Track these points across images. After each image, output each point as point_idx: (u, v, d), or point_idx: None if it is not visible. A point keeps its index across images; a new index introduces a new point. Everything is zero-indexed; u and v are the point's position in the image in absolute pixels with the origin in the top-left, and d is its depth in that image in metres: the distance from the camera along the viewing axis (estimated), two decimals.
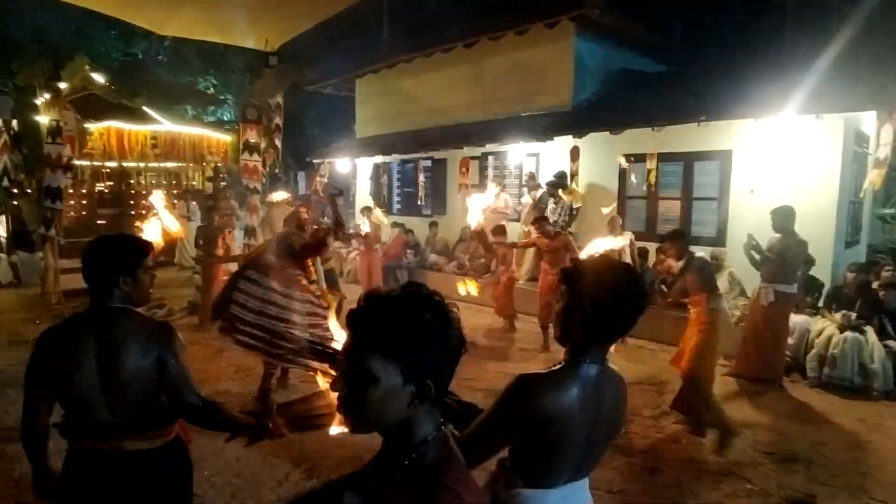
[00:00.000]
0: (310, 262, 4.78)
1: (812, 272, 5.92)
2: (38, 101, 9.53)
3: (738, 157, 6.97)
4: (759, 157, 6.71)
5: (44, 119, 9.17)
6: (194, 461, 2.10)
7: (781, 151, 6.49)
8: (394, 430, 0.97)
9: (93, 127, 10.16)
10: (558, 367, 1.44)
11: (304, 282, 4.55)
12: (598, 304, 1.40)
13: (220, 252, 6.96)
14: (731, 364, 5.35)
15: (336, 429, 1.80)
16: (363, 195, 12.31)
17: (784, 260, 4.94)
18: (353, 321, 0.96)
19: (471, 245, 8.99)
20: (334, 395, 1.93)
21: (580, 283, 1.45)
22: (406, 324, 0.92)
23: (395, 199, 11.86)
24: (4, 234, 10.43)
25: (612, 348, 1.53)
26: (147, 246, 2.01)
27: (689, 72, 8.52)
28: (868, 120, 6.91)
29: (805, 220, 5.24)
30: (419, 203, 10.75)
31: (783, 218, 5.03)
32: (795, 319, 5.31)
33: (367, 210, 8.84)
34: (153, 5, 11.36)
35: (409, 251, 9.82)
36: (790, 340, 5.24)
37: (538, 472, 1.43)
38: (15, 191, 10.45)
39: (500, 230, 6.88)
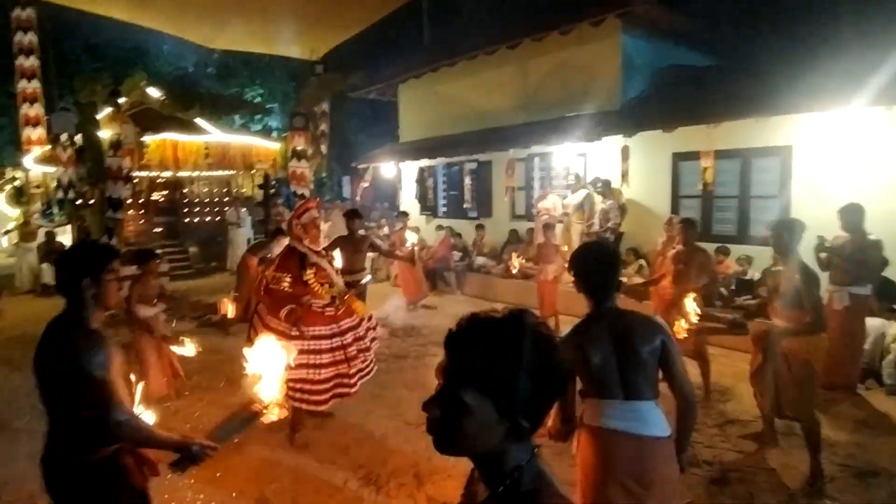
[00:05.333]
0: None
1: (886, 273, 5.56)
2: (100, 117, 10.01)
3: (799, 153, 6.65)
4: (822, 152, 6.38)
5: (105, 133, 9.65)
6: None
7: (846, 146, 6.15)
8: (485, 456, 0.94)
9: (149, 139, 10.61)
10: (580, 321, 2.13)
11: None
12: (575, 271, 2.15)
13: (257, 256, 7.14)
14: None
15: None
16: (409, 199, 12.39)
17: (856, 261, 4.66)
18: (451, 346, 0.93)
19: (518, 247, 8.92)
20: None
21: (570, 262, 2.21)
22: (505, 360, 0.88)
23: (441, 202, 11.89)
24: (70, 244, 11.04)
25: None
26: (112, 252, 1.99)
27: (743, 64, 8.19)
28: None
29: (876, 219, 4.92)
30: (465, 206, 10.74)
31: (853, 217, 4.74)
32: (870, 323, 5.00)
33: (403, 216, 8.92)
34: (204, 21, 11.84)
35: (455, 253, 9.82)
36: (864, 346, 4.94)
37: (593, 386, 2.04)
38: (79, 202, 11.04)
39: (548, 227, 6.92)
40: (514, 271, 7.82)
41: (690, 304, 3.41)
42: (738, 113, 6.42)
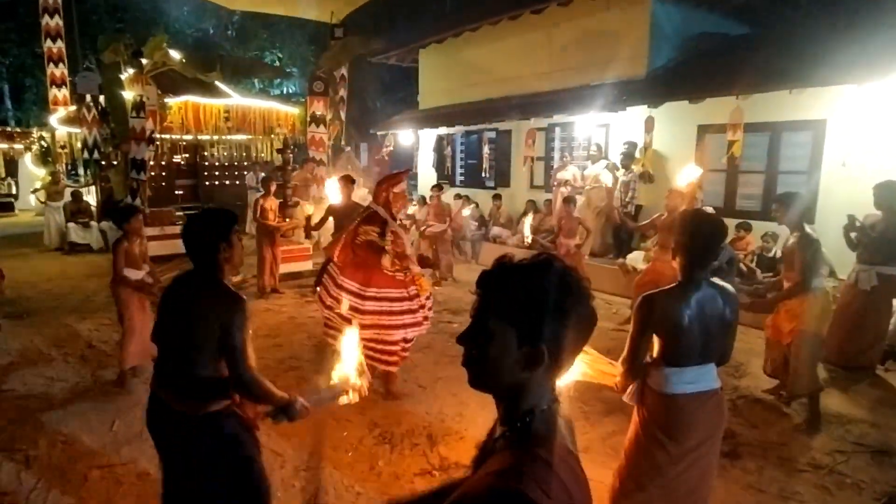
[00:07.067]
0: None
1: None
2: (123, 78, 10.01)
3: (833, 128, 6.43)
4: (858, 127, 6.16)
5: (128, 95, 9.67)
6: (274, 425, 2.14)
7: (884, 120, 5.93)
8: (506, 393, 0.98)
9: (171, 101, 10.60)
10: (673, 286, 2.14)
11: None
12: (683, 238, 2.14)
13: (273, 222, 7.19)
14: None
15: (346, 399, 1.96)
16: (426, 167, 12.31)
17: (888, 240, 4.54)
18: (481, 282, 1.00)
19: (536, 217, 8.85)
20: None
21: (680, 227, 2.21)
22: (525, 288, 0.94)
23: (459, 171, 11.80)
24: (95, 204, 11.23)
25: None
26: (234, 214, 2.15)
27: (778, 34, 7.87)
28: None
29: None
30: (483, 175, 10.66)
31: (887, 194, 4.61)
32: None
33: (436, 188, 8.76)
34: None
35: (472, 223, 9.79)
36: (889, 327, 4.85)
37: (674, 355, 2.10)
38: (104, 163, 11.17)
39: (569, 200, 6.77)
40: (527, 241, 7.62)
41: None
42: (771, 84, 6.20)
